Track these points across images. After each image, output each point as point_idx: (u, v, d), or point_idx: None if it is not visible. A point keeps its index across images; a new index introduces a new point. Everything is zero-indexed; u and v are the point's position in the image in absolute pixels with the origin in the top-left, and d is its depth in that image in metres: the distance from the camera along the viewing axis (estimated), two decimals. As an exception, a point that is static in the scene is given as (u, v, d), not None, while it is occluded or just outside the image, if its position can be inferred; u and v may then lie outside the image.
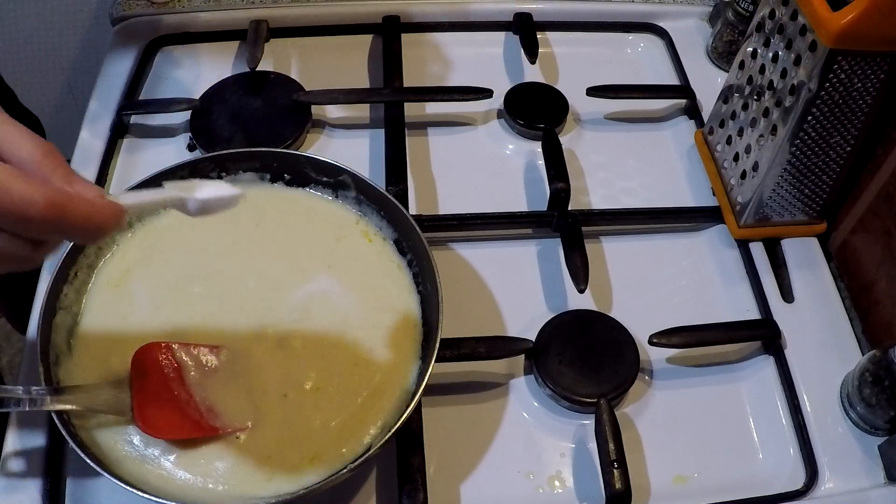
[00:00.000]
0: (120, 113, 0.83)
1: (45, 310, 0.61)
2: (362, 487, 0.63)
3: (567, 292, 0.74)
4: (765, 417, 0.68)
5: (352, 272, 0.68)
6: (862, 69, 0.65)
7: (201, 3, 0.94)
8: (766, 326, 0.71)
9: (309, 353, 0.63)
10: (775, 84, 0.70)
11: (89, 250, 0.65)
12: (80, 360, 0.61)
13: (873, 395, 0.64)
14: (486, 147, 0.86)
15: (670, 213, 0.80)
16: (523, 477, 0.64)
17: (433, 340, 0.61)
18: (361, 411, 0.60)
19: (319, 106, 0.86)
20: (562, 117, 0.86)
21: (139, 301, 0.65)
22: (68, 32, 0.94)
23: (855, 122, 0.68)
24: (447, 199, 0.80)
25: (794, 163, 0.71)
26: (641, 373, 0.69)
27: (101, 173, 0.79)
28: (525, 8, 0.95)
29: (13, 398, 0.55)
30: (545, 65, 0.93)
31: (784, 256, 0.76)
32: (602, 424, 0.63)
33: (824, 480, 0.64)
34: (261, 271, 0.67)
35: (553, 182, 0.77)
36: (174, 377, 0.60)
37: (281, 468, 0.58)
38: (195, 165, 0.70)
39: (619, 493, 0.60)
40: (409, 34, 0.94)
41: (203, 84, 0.87)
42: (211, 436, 0.59)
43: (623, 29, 0.97)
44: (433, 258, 0.64)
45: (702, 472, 0.65)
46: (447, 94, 0.86)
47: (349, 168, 0.69)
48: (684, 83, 0.90)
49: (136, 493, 0.53)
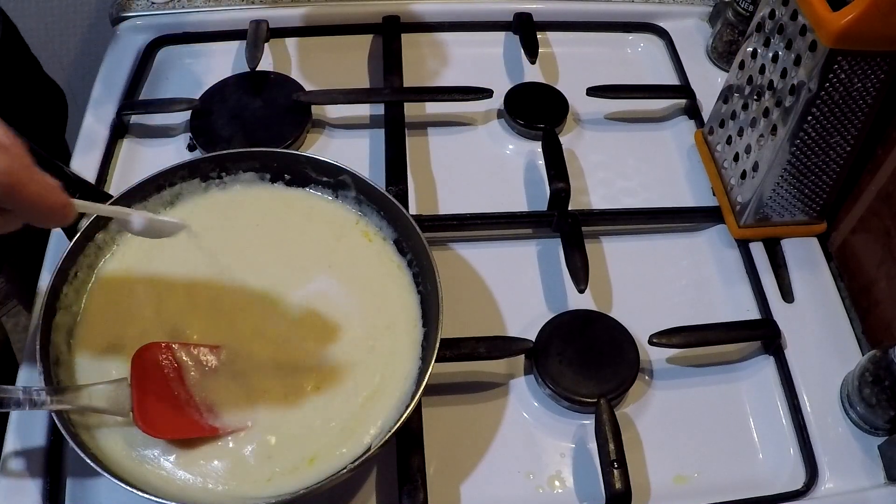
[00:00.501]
0: (120, 113, 0.83)
1: (46, 310, 0.60)
2: (362, 487, 0.63)
3: (567, 292, 0.74)
4: (765, 417, 0.68)
5: (352, 272, 0.68)
6: (862, 69, 0.65)
7: (201, 3, 0.94)
8: (766, 326, 0.71)
9: (309, 354, 0.63)
10: (775, 84, 0.70)
11: (89, 250, 0.65)
12: (80, 360, 0.62)
13: (873, 395, 0.64)
14: (486, 147, 0.86)
15: (670, 213, 0.80)
16: (523, 477, 0.64)
17: (433, 340, 0.61)
18: (361, 411, 0.60)
19: (319, 106, 0.86)
20: (562, 117, 0.86)
21: (139, 301, 0.65)
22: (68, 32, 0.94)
23: (855, 122, 0.68)
24: (447, 199, 0.80)
25: (794, 163, 0.71)
26: (641, 373, 0.69)
27: (101, 173, 0.79)
28: (525, 8, 0.95)
29: (13, 398, 0.55)
30: (545, 65, 0.93)
31: (784, 256, 0.76)
32: (602, 424, 0.63)
33: (824, 480, 0.64)
34: (261, 271, 0.67)
35: (553, 182, 0.77)
36: (174, 377, 0.60)
37: (281, 468, 0.58)
38: (195, 165, 0.70)
39: (619, 493, 0.60)
40: (409, 34, 0.94)
41: (203, 84, 0.87)
42: (211, 436, 0.59)
43: (623, 29, 0.97)
44: (433, 258, 0.64)
45: (702, 472, 0.65)
46: (447, 94, 0.86)
47: (349, 168, 0.69)
48: (684, 83, 0.90)
49: (136, 493, 0.53)
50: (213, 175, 0.70)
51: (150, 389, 0.59)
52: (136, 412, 0.58)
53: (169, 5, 0.93)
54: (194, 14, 0.93)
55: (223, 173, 0.71)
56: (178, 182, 0.69)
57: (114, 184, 0.79)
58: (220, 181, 0.71)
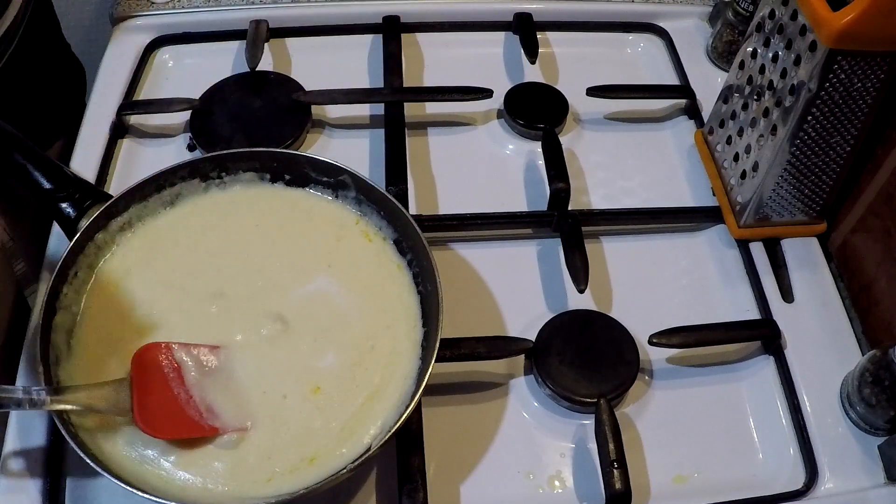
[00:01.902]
0: (120, 113, 0.83)
1: (46, 310, 0.60)
2: (362, 487, 0.63)
3: (567, 292, 0.74)
4: (765, 417, 0.68)
5: (352, 272, 0.68)
6: (862, 69, 0.65)
7: (201, 3, 0.94)
8: (766, 326, 0.71)
9: (309, 354, 0.63)
10: (775, 84, 0.70)
11: (89, 250, 0.65)
12: (79, 360, 0.61)
13: (873, 395, 0.64)
14: (486, 147, 0.86)
15: (670, 213, 0.80)
16: (523, 477, 0.64)
17: (433, 340, 0.61)
18: (361, 411, 0.60)
19: (319, 106, 0.85)
20: (562, 117, 0.86)
21: (139, 301, 0.65)
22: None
23: (855, 122, 0.68)
24: (447, 199, 0.80)
25: (794, 163, 0.71)
26: (641, 373, 0.69)
27: (101, 173, 0.79)
28: (525, 8, 0.95)
29: (13, 399, 0.55)
30: (545, 65, 0.93)
31: (784, 256, 0.76)
32: (602, 424, 0.63)
33: (824, 480, 0.64)
34: (261, 271, 0.67)
35: (553, 182, 0.77)
36: (174, 377, 0.60)
37: (281, 468, 0.58)
38: (195, 165, 0.70)
39: (619, 493, 0.60)
40: (409, 34, 0.94)
41: (203, 84, 0.87)
42: (210, 436, 0.59)
43: (623, 29, 0.97)
44: (433, 258, 0.64)
45: (702, 472, 0.65)
46: (447, 94, 0.86)
47: (349, 168, 0.69)
48: (684, 83, 0.90)
49: (136, 493, 0.53)
50: (213, 175, 0.70)
51: (150, 389, 0.59)
52: (136, 412, 0.58)
53: (169, 5, 0.93)
54: (194, 14, 0.93)
55: (223, 173, 0.71)
56: (178, 182, 0.69)
57: (114, 184, 0.79)
58: (220, 181, 0.71)
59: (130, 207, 0.68)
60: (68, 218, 0.66)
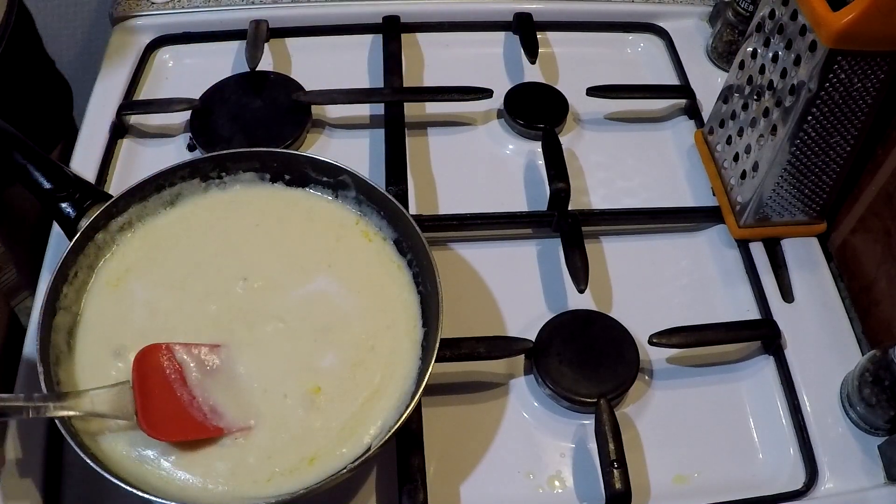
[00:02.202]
0: (120, 113, 0.83)
1: (45, 310, 0.60)
2: (362, 487, 0.63)
3: (567, 292, 0.74)
4: (765, 417, 0.68)
5: (352, 272, 0.67)
6: (862, 69, 0.65)
7: (201, 3, 0.94)
8: (766, 326, 0.71)
9: (309, 354, 0.63)
10: (775, 84, 0.70)
11: (89, 250, 0.65)
12: (80, 360, 0.61)
13: (873, 395, 0.64)
14: (486, 147, 0.86)
15: (670, 213, 0.80)
16: (523, 477, 0.64)
17: (433, 340, 0.61)
18: (361, 411, 0.60)
19: (319, 106, 0.85)
20: (562, 117, 0.86)
21: (139, 301, 0.65)
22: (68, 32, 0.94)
23: (855, 122, 0.68)
24: (447, 199, 0.80)
25: (794, 163, 0.71)
26: (641, 373, 0.69)
27: (101, 173, 0.79)
28: (525, 8, 0.95)
29: (16, 407, 0.55)
30: (545, 65, 0.93)
31: (784, 256, 0.76)
32: (602, 424, 0.63)
33: (824, 480, 0.64)
34: (261, 271, 0.67)
35: (553, 182, 0.77)
36: (176, 378, 0.60)
37: (281, 468, 0.58)
38: (195, 165, 0.70)
39: (619, 493, 0.60)
40: (409, 34, 0.94)
41: (203, 84, 0.87)
42: (213, 436, 0.59)
43: (623, 29, 0.97)
44: (433, 258, 0.64)
45: (702, 472, 0.65)
46: (447, 94, 0.86)
47: (349, 168, 0.69)
48: (684, 83, 0.90)
49: (136, 493, 0.53)
50: (213, 175, 0.70)
51: (154, 392, 0.59)
52: (140, 416, 0.57)
53: (169, 5, 0.93)
54: (194, 14, 0.93)
55: (223, 173, 0.71)
56: (178, 182, 0.69)
57: (114, 184, 0.79)
58: (220, 181, 0.71)
59: (130, 207, 0.68)
60: (68, 218, 0.66)
